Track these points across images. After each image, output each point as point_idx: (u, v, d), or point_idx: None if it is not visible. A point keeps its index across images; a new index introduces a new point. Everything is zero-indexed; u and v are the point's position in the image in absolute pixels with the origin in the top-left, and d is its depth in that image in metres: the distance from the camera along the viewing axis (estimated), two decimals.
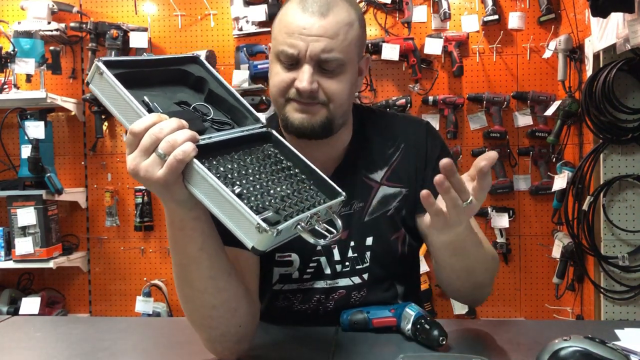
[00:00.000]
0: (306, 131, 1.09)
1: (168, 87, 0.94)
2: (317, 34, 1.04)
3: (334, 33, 1.05)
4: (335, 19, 1.06)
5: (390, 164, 1.20)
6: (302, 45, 1.04)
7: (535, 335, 1.12)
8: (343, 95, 1.09)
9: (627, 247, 2.23)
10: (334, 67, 1.07)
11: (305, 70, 1.05)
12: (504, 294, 2.96)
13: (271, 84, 1.12)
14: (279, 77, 1.08)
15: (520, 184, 2.92)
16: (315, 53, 1.05)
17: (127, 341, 1.18)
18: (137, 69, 0.89)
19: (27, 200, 2.82)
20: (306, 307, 1.19)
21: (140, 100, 0.84)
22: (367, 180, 1.18)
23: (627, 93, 2.20)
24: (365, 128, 1.22)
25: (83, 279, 3.17)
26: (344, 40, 1.06)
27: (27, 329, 1.30)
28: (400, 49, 2.82)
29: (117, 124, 3.12)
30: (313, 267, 1.16)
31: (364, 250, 1.17)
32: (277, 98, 1.11)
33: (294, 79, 1.06)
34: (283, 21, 1.09)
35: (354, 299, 1.19)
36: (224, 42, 3.04)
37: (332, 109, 1.09)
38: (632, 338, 1.06)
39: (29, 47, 2.83)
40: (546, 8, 2.79)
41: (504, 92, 2.89)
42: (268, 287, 1.18)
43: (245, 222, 0.78)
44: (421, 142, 1.21)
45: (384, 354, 1.02)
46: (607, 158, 2.25)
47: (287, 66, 1.08)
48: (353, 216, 1.17)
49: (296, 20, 1.06)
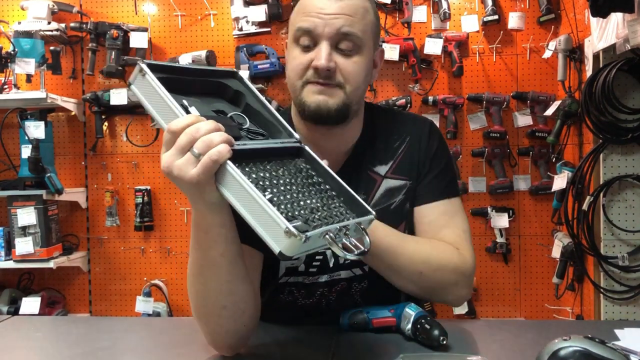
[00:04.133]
0: (322, 113, 1.09)
1: (206, 97, 0.95)
2: (335, 12, 1.06)
3: (352, 12, 1.07)
4: (353, 2, 1.08)
5: (396, 157, 1.21)
6: (319, 22, 1.06)
7: (535, 335, 1.12)
8: (359, 78, 1.10)
9: (627, 247, 2.23)
10: (352, 47, 1.08)
11: (323, 48, 1.06)
12: (503, 294, 2.96)
13: (289, 68, 1.13)
14: (297, 60, 1.09)
15: (520, 184, 2.92)
16: (335, 29, 1.06)
17: (127, 341, 1.18)
18: (176, 76, 0.91)
19: (28, 200, 2.82)
20: (310, 301, 1.20)
21: (180, 103, 0.85)
22: (372, 173, 1.19)
23: (627, 93, 2.20)
24: (375, 124, 1.24)
25: (83, 279, 3.17)
26: (362, 20, 1.08)
27: (27, 329, 1.30)
28: (400, 49, 2.82)
29: (117, 124, 3.12)
30: (319, 260, 1.17)
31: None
32: (294, 82, 1.11)
33: (311, 60, 1.07)
34: (301, 6, 1.11)
35: (354, 290, 1.20)
36: (224, 42, 3.04)
37: (349, 92, 1.09)
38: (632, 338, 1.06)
39: (29, 47, 2.83)
40: (546, 8, 2.79)
41: (504, 92, 2.89)
42: (273, 280, 1.18)
43: (274, 226, 0.78)
44: (424, 138, 1.23)
45: (384, 354, 1.03)
46: (607, 158, 2.25)
47: (304, 48, 1.09)
48: None
49: (314, 2, 1.08)
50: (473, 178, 2.93)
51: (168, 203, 3.10)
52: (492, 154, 2.88)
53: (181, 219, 3.09)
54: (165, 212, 3.09)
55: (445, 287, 1.15)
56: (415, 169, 1.21)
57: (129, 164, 3.12)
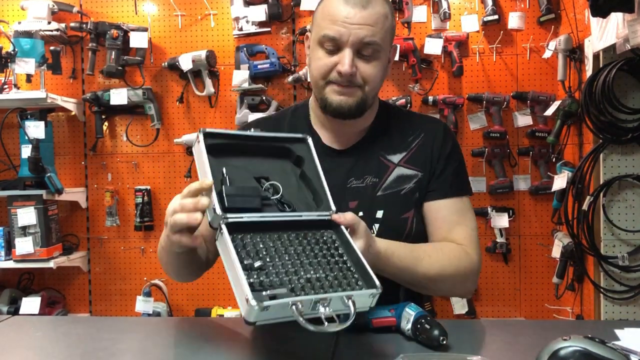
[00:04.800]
0: (344, 111, 1.24)
1: (271, 158, 1.09)
2: (359, 23, 1.18)
3: (373, 22, 1.19)
4: (375, 10, 1.20)
5: (410, 149, 1.32)
6: (344, 31, 1.18)
7: (535, 335, 1.12)
8: (377, 79, 1.25)
9: (627, 247, 2.23)
10: (372, 53, 1.21)
11: (347, 55, 1.19)
12: (503, 294, 2.96)
13: (313, 67, 1.25)
14: (322, 61, 1.22)
15: (520, 184, 2.92)
16: (358, 39, 1.18)
17: (127, 341, 1.18)
18: (237, 141, 1.07)
19: (28, 200, 2.82)
20: None
21: (220, 169, 1.01)
22: (384, 159, 1.30)
23: (627, 93, 2.20)
24: (389, 116, 1.36)
25: (83, 279, 3.17)
26: (382, 29, 1.21)
27: (27, 328, 1.30)
28: (400, 49, 2.82)
29: (117, 124, 3.12)
30: None
31: (373, 222, 1.26)
32: (318, 80, 1.24)
33: (336, 63, 1.20)
34: (326, 11, 1.22)
35: None
36: (224, 42, 3.04)
37: (367, 91, 1.24)
38: (632, 338, 1.07)
39: (29, 47, 2.83)
40: (546, 8, 2.79)
41: (504, 92, 2.89)
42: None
43: (242, 292, 0.86)
44: (439, 136, 1.33)
45: (384, 354, 1.03)
46: (607, 158, 2.25)
47: (328, 51, 1.21)
48: (365, 189, 1.28)
49: (340, 11, 1.19)
50: (473, 178, 2.93)
51: (168, 203, 3.07)
52: (492, 153, 2.88)
53: None
54: (165, 212, 3.08)
55: (456, 286, 1.26)
56: (428, 162, 1.30)
57: (129, 164, 3.12)
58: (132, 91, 3.00)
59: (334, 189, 1.16)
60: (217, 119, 3.06)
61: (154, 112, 3.01)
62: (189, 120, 3.08)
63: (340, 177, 1.29)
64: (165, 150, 3.09)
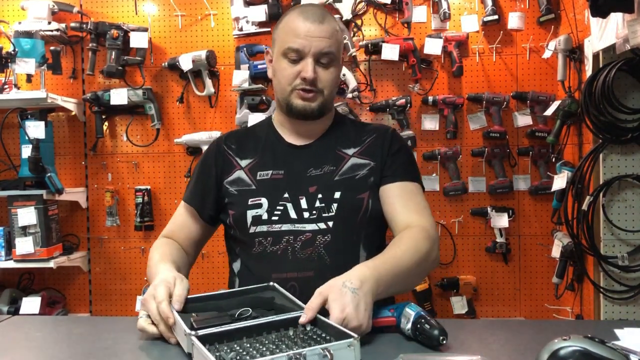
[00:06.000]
0: (307, 114, 1.45)
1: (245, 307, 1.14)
2: (318, 36, 1.40)
3: (330, 35, 1.42)
4: (330, 26, 1.43)
5: (363, 144, 1.52)
6: (306, 44, 1.40)
7: (535, 335, 1.12)
8: (333, 84, 1.47)
9: (627, 247, 2.23)
10: (328, 61, 1.43)
11: (309, 63, 1.40)
12: (503, 294, 2.96)
13: (279, 76, 1.45)
14: (287, 70, 1.43)
15: (519, 184, 2.92)
16: (318, 50, 1.40)
17: (127, 341, 1.18)
18: (209, 302, 1.23)
19: (28, 200, 2.82)
20: (276, 248, 1.40)
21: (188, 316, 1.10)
22: (340, 152, 1.50)
23: (627, 93, 2.20)
24: (344, 121, 1.60)
25: (83, 279, 3.17)
26: (336, 41, 1.44)
27: (28, 328, 1.30)
28: (400, 49, 2.83)
29: (118, 124, 3.12)
30: (280, 210, 1.43)
31: (331, 202, 1.42)
32: (284, 87, 1.45)
33: (299, 71, 1.41)
34: (288, 28, 1.43)
35: (318, 242, 1.39)
36: (224, 42, 3.04)
37: (326, 95, 1.46)
38: (632, 338, 1.07)
39: (29, 47, 2.83)
40: (546, 8, 2.79)
41: (504, 92, 2.89)
42: (246, 234, 1.44)
43: None
44: (388, 137, 1.53)
45: (384, 354, 1.03)
46: (607, 158, 2.25)
47: (292, 61, 1.42)
48: (323, 176, 1.46)
49: (301, 26, 1.41)
50: (473, 178, 2.94)
51: (168, 203, 3.10)
52: (492, 153, 2.88)
53: None
54: (165, 211, 3.10)
55: (429, 259, 1.36)
56: (379, 155, 1.49)
57: (129, 163, 3.12)
58: (132, 91, 3.00)
59: (296, 177, 1.45)
60: (217, 119, 3.06)
61: (154, 112, 3.01)
62: (189, 120, 3.08)
63: (301, 167, 1.47)
64: (166, 150, 3.09)
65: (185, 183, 3.07)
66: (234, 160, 1.53)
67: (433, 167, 2.94)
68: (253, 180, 1.48)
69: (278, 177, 1.47)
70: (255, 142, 1.55)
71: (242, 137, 1.58)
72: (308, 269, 1.37)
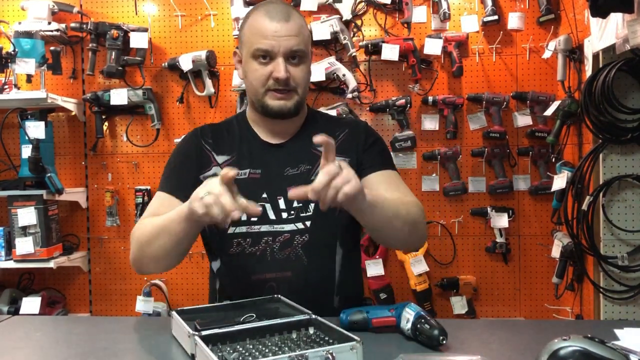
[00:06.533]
0: (284, 113, 1.44)
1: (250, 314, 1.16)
2: (286, 34, 1.38)
3: (297, 32, 1.40)
4: (296, 22, 1.41)
5: (336, 141, 1.43)
6: (275, 44, 1.38)
7: (535, 335, 1.12)
8: (306, 80, 1.46)
9: (627, 247, 2.23)
10: (299, 58, 1.41)
11: (280, 62, 1.38)
12: (503, 294, 2.96)
13: (251, 78, 1.43)
14: (259, 72, 1.41)
15: (519, 184, 2.92)
16: (288, 48, 1.38)
17: (127, 341, 1.18)
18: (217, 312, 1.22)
19: (28, 200, 2.82)
20: (255, 249, 1.41)
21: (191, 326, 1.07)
22: (315, 151, 1.45)
23: (627, 93, 2.20)
24: (316, 117, 1.59)
25: (83, 279, 3.17)
26: (304, 37, 1.43)
27: (28, 328, 1.30)
28: (400, 49, 2.83)
29: (118, 124, 3.12)
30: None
31: (309, 201, 1.39)
32: (258, 89, 1.42)
33: (271, 72, 1.39)
34: (254, 28, 1.41)
35: (296, 242, 1.41)
36: (224, 43, 3.04)
37: (300, 93, 1.44)
38: (632, 338, 1.07)
39: (29, 47, 2.83)
40: (546, 8, 2.79)
41: (504, 92, 2.89)
42: (223, 234, 1.43)
43: None
44: (362, 131, 1.54)
45: (384, 353, 1.03)
46: (607, 158, 2.25)
47: (262, 62, 1.40)
48: (300, 175, 1.45)
49: (267, 26, 1.38)
50: (473, 178, 2.94)
51: None
52: (492, 154, 2.88)
53: None
54: None
55: (419, 225, 1.38)
56: (354, 151, 1.49)
57: (129, 164, 3.12)
58: (132, 91, 3.00)
59: (273, 176, 1.44)
60: (217, 119, 3.05)
61: (154, 112, 3.02)
62: (189, 120, 3.08)
63: (278, 167, 1.47)
64: (166, 151, 3.09)
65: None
66: (211, 155, 1.49)
67: (433, 167, 2.94)
68: None
69: (255, 176, 1.45)
70: (231, 138, 1.52)
71: (217, 132, 1.54)
72: (286, 269, 1.39)
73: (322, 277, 1.43)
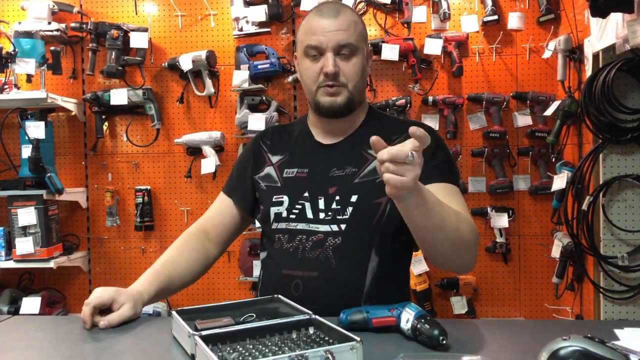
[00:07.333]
0: (335, 110, 1.43)
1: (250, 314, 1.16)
2: (335, 29, 1.39)
3: (346, 27, 1.40)
4: (346, 18, 1.41)
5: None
6: (324, 39, 1.39)
7: (535, 335, 1.12)
8: (357, 76, 1.43)
9: (627, 247, 2.23)
10: (349, 53, 1.40)
11: (329, 57, 1.39)
12: (503, 294, 2.96)
13: (305, 76, 1.45)
14: (310, 69, 1.42)
15: (519, 184, 2.92)
16: (336, 43, 1.39)
17: (127, 341, 1.18)
18: (218, 312, 1.19)
19: (28, 200, 2.82)
20: (290, 245, 1.43)
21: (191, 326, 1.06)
22: (364, 153, 1.45)
23: (627, 93, 2.20)
24: (381, 118, 1.55)
25: (83, 279, 3.17)
26: (355, 32, 1.41)
27: (28, 328, 1.30)
28: (400, 49, 2.83)
29: (118, 124, 3.12)
30: (298, 209, 1.44)
31: (347, 205, 1.40)
32: (310, 86, 1.44)
33: (321, 68, 1.40)
34: (306, 27, 1.44)
35: (328, 244, 1.39)
36: (224, 43, 3.04)
37: (351, 89, 1.42)
38: (632, 338, 1.07)
39: (29, 47, 2.83)
40: (546, 8, 2.79)
41: (504, 92, 2.89)
42: (269, 229, 1.48)
43: None
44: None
45: (384, 353, 1.03)
46: (607, 158, 2.25)
47: (313, 59, 1.41)
48: (345, 177, 1.44)
49: (317, 23, 1.41)
50: (473, 178, 2.94)
51: (168, 203, 3.10)
52: (492, 154, 2.88)
53: (181, 219, 3.09)
54: (165, 212, 3.10)
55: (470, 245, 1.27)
56: None
57: (129, 164, 3.12)
58: (132, 91, 3.00)
59: (318, 176, 1.44)
60: (217, 119, 3.06)
61: (154, 112, 3.02)
62: (189, 120, 3.08)
63: (324, 167, 1.46)
64: (166, 151, 3.09)
65: (185, 183, 3.07)
66: (266, 156, 1.56)
67: None
68: (279, 177, 1.50)
69: (302, 175, 1.47)
70: (289, 138, 1.57)
71: (278, 133, 1.60)
72: (314, 269, 1.38)
73: (348, 283, 1.38)
